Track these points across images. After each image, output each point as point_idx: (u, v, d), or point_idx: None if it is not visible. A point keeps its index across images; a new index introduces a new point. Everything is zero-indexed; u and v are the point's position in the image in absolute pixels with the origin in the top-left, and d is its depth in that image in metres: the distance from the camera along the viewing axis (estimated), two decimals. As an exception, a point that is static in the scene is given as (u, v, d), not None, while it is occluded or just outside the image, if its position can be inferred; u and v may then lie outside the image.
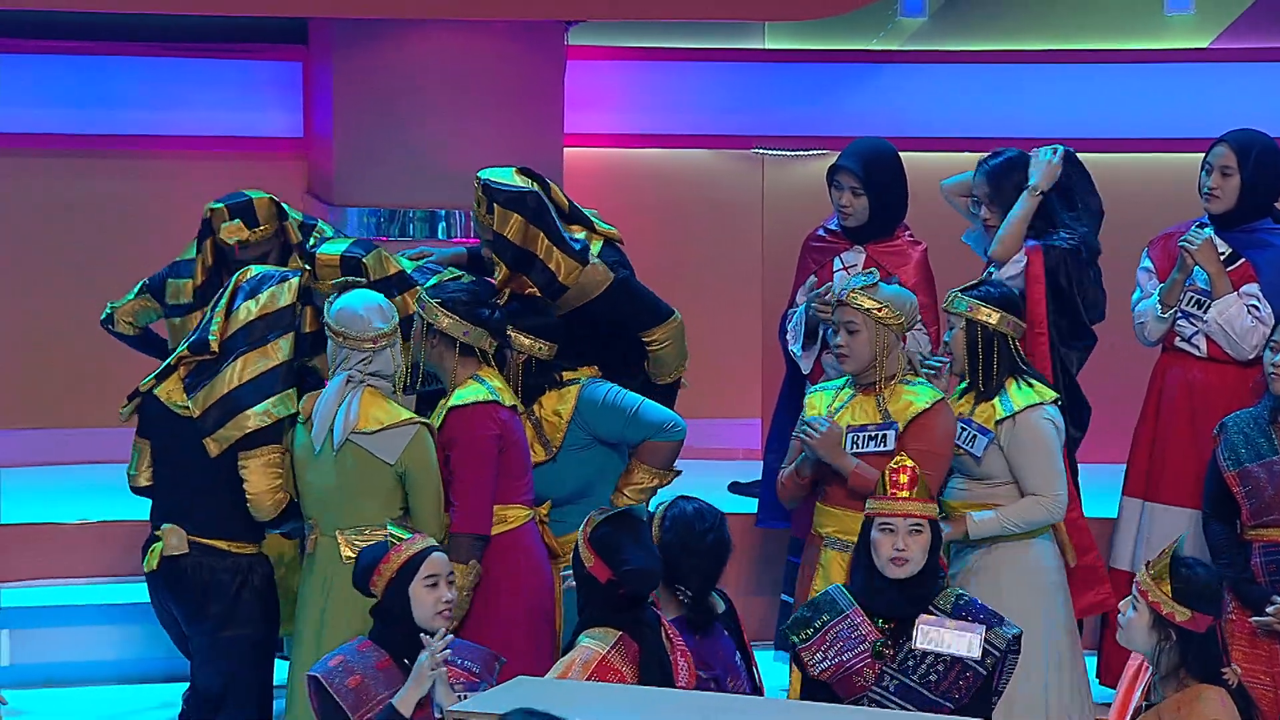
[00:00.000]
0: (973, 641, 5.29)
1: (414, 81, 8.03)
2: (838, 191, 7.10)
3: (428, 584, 5.37)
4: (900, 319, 6.11)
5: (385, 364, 6.01)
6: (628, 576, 5.26)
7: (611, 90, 8.73)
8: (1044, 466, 6.23)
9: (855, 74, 8.77)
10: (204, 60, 8.42)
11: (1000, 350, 6.28)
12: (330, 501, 5.99)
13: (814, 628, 5.36)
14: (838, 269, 7.09)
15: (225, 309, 6.10)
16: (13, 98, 8.32)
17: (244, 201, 6.79)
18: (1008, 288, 6.44)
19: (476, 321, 6.13)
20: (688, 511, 5.57)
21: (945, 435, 6.07)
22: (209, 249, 6.81)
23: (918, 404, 6.05)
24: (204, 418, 6.02)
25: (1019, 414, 6.21)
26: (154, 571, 6.10)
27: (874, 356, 6.08)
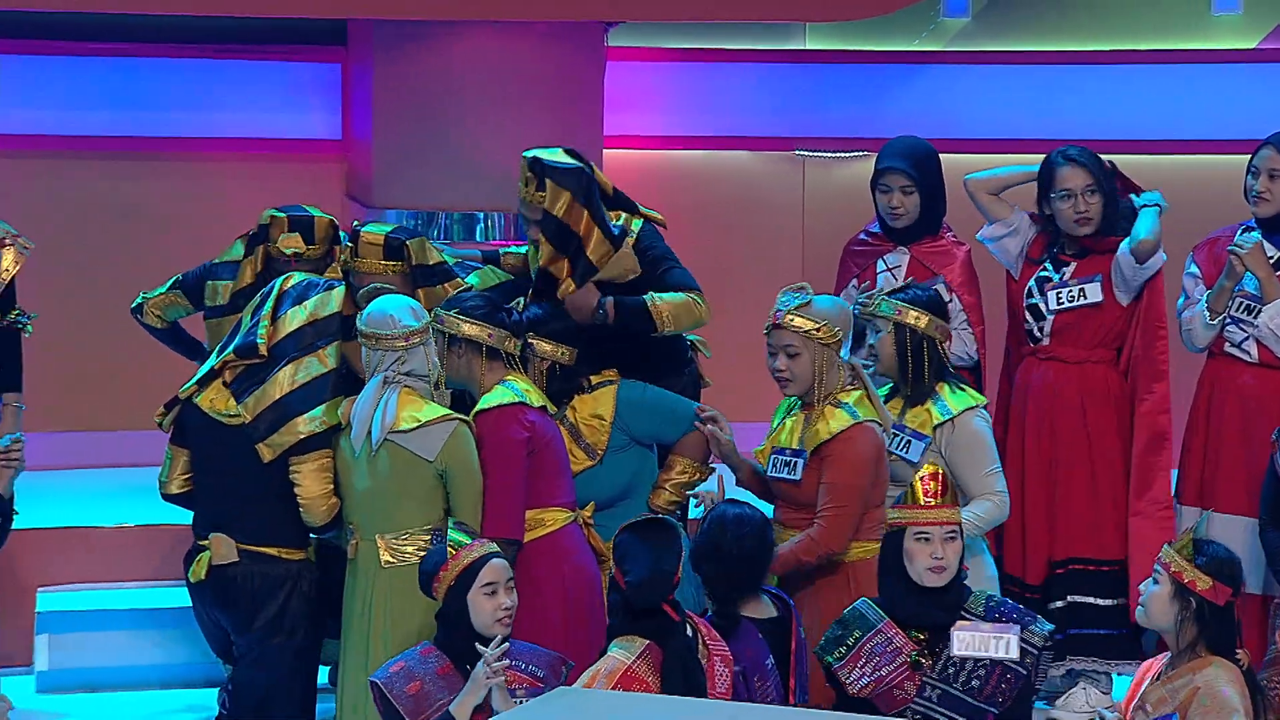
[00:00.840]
0: (1010, 642, 5.27)
1: (453, 83, 8.05)
2: (885, 194, 7.03)
3: (486, 591, 5.36)
4: (837, 334, 6.02)
5: (420, 363, 5.99)
6: (629, 587, 5.24)
7: (651, 91, 8.75)
8: (986, 466, 6.18)
9: (897, 75, 8.74)
10: (243, 62, 8.44)
11: (930, 353, 6.22)
12: (370, 505, 5.97)
13: (846, 645, 5.35)
14: (881, 270, 7.04)
15: (271, 314, 6.08)
16: (51, 100, 8.37)
17: (306, 218, 6.80)
18: (934, 290, 6.37)
19: (498, 324, 6.12)
20: (727, 516, 5.53)
21: (860, 462, 5.92)
22: (260, 255, 6.80)
23: (833, 427, 5.93)
24: (256, 423, 5.99)
25: (957, 418, 6.17)
26: (201, 581, 6.08)
27: (815, 376, 5.98)
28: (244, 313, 6.23)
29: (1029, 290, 7.02)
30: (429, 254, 6.46)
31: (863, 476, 5.89)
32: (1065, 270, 6.96)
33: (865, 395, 6.02)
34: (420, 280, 6.41)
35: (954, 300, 6.94)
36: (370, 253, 6.38)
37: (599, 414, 6.32)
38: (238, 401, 6.00)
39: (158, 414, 6.17)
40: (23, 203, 8.20)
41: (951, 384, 6.25)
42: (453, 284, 6.45)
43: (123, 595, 7.32)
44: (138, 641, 7.17)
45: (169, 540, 7.24)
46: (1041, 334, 7.01)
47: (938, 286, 6.87)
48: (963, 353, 6.95)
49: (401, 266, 6.38)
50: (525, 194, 6.37)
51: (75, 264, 8.42)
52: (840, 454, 5.90)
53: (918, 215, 7.01)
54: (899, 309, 6.23)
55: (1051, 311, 6.96)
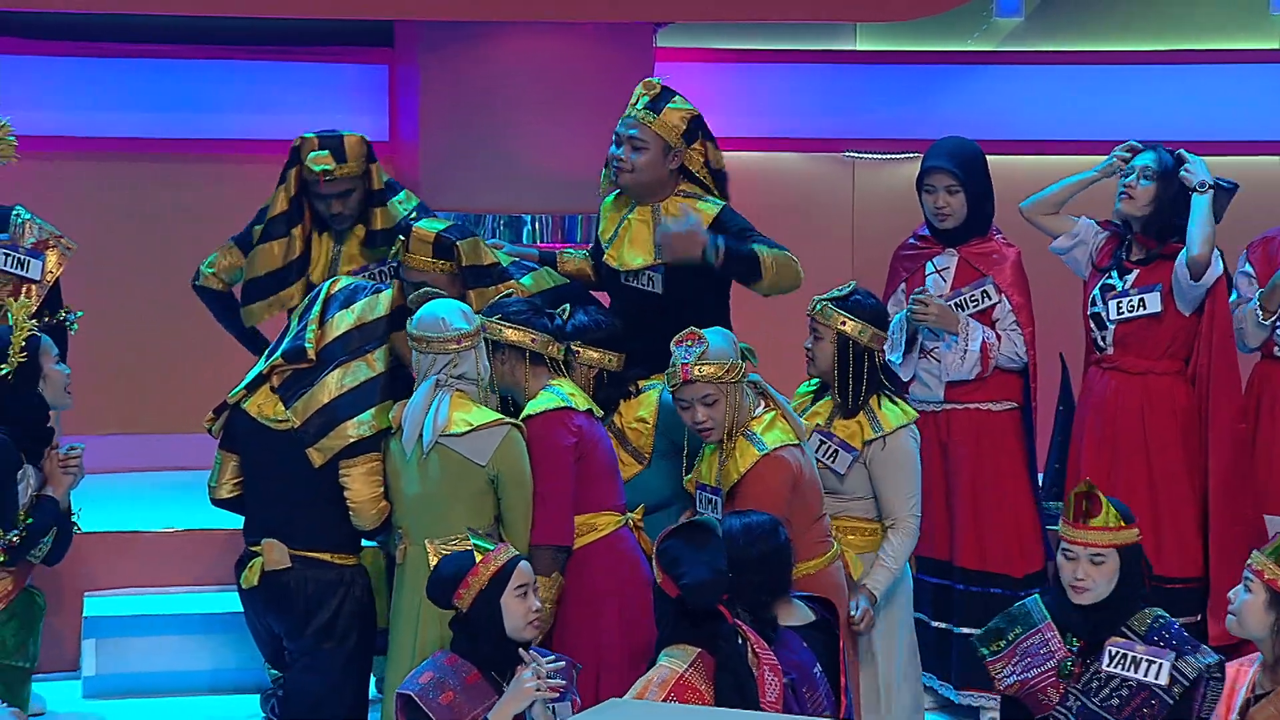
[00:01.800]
0: (1161, 668, 5.19)
1: (500, 84, 8.03)
2: (931, 195, 6.98)
3: (518, 594, 5.30)
4: (742, 368, 5.95)
5: (471, 367, 5.96)
6: (687, 591, 5.18)
7: (700, 92, 8.46)
8: (910, 489, 6.17)
9: (949, 75, 8.75)
10: (289, 64, 8.46)
11: (868, 366, 6.18)
12: (420, 509, 5.94)
13: (1006, 640, 5.31)
14: (930, 273, 7.00)
15: (319, 317, 6.05)
16: (98, 103, 8.39)
17: (336, 136, 6.72)
18: (877, 299, 6.33)
19: (540, 329, 6.09)
20: (735, 527, 5.48)
21: (770, 496, 5.82)
22: (293, 178, 6.72)
23: (741, 466, 5.88)
24: (305, 428, 5.97)
25: (889, 435, 6.14)
26: (253, 587, 6.04)
27: (730, 418, 5.90)
28: (291, 316, 6.21)
29: (1093, 299, 7.00)
30: (482, 254, 6.41)
31: (775, 510, 5.76)
32: (1128, 278, 6.92)
33: (778, 414, 5.97)
34: (472, 281, 6.37)
35: (1003, 301, 6.88)
36: (420, 249, 6.34)
37: (642, 417, 6.29)
38: (286, 406, 5.98)
39: (207, 420, 6.14)
40: (71, 205, 8.20)
41: (886, 396, 6.21)
42: (506, 285, 6.43)
43: (170, 600, 7.30)
44: (185, 646, 7.16)
45: (216, 544, 7.26)
46: (1105, 343, 6.97)
47: (986, 287, 6.87)
48: (1011, 354, 6.88)
49: (450, 266, 6.34)
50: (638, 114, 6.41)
51: (123, 266, 8.42)
52: (749, 493, 5.85)
53: (965, 216, 6.95)
54: (841, 319, 6.19)
55: (1112, 321, 6.92)
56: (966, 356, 6.84)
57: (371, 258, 6.80)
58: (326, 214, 6.73)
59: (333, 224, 6.76)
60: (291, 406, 5.97)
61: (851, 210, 8.81)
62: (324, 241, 6.81)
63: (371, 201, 6.78)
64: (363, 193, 6.76)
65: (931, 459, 6.86)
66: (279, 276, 6.77)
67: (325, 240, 6.81)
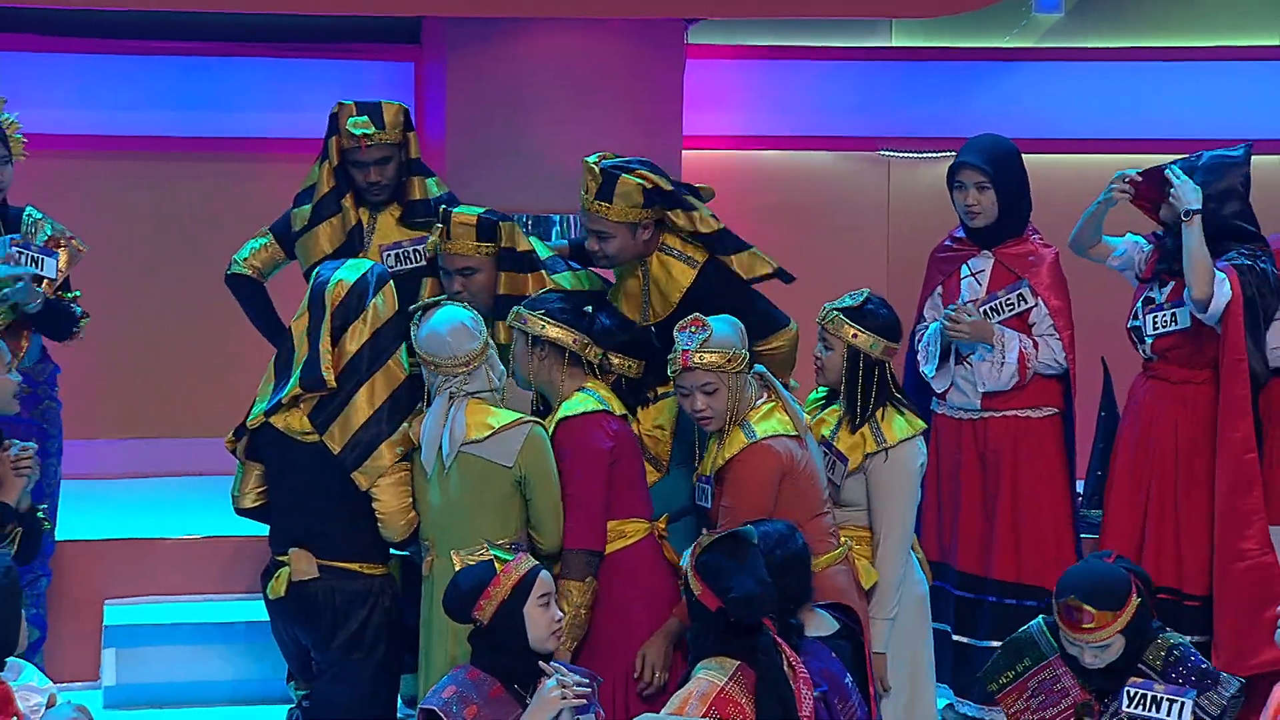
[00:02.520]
0: (1184, 707, 5.14)
1: (529, 82, 8.02)
2: (961, 191, 6.88)
3: (541, 603, 5.27)
4: (745, 357, 5.92)
5: (482, 381, 5.94)
6: (734, 604, 5.15)
7: (732, 90, 8.70)
8: (906, 505, 6.12)
9: (986, 73, 8.68)
10: (314, 61, 8.45)
11: (878, 379, 6.13)
12: (446, 520, 5.91)
13: (1014, 671, 5.27)
14: (965, 276, 6.94)
15: (330, 340, 6.01)
16: (117, 100, 8.36)
17: (374, 102, 6.71)
18: (891, 309, 6.24)
19: (581, 329, 6.06)
20: (752, 535, 5.39)
21: (755, 484, 5.81)
22: (333, 148, 6.69)
23: (727, 453, 5.86)
24: (345, 453, 5.95)
25: (892, 449, 6.09)
26: (280, 598, 6.03)
27: (731, 407, 5.88)
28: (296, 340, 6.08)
29: (1134, 311, 6.95)
30: (518, 239, 6.38)
31: (760, 498, 5.79)
32: (1164, 290, 6.88)
33: (777, 405, 5.93)
34: (506, 264, 6.33)
35: (1040, 305, 6.83)
36: (464, 234, 6.31)
37: (660, 424, 6.26)
38: (320, 432, 5.95)
39: (228, 441, 6.12)
40: (90, 205, 8.20)
41: (894, 408, 6.15)
42: (535, 276, 6.39)
43: (192, 608, 7.28)
44: (207, 656, 7.14)
45: (240, 551, 7.24)
46: (1147, 354, 6.94)
47: (1022, 290, 6.79)
48: (1050, 360, 6.82)
49: (494, 249, 6.31)
50: (585, 201, 6.31)
51: (143, 268, 8.43)
52: (734, 478, 5.83)
53: (997, 215, 6.86)
54: (852, 331, 6.14)
55: (1149, 335, 6.88)
56: (1004, 368, 6.78)
57: (406, 234, 6.75)
58: (363, 184, 6.68)
59: (369, 195, 6.71)
60: (327, 432, 5.95)
61: (886, 211, 8.77)
62: (361, 215, 6.77)
63: (408, 171, 6.75)
64: (399, 162, 6.72)
65: (969, 468, 6.85)
66: (345, 252, 6.66)
67: (362, 214, 6.76)
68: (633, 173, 6.28)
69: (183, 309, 8.32)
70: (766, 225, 8.35)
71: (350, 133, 6.63)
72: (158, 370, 8.38)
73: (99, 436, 8.24)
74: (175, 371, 8.39)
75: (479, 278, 6.31)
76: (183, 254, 8.39)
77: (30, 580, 6.59)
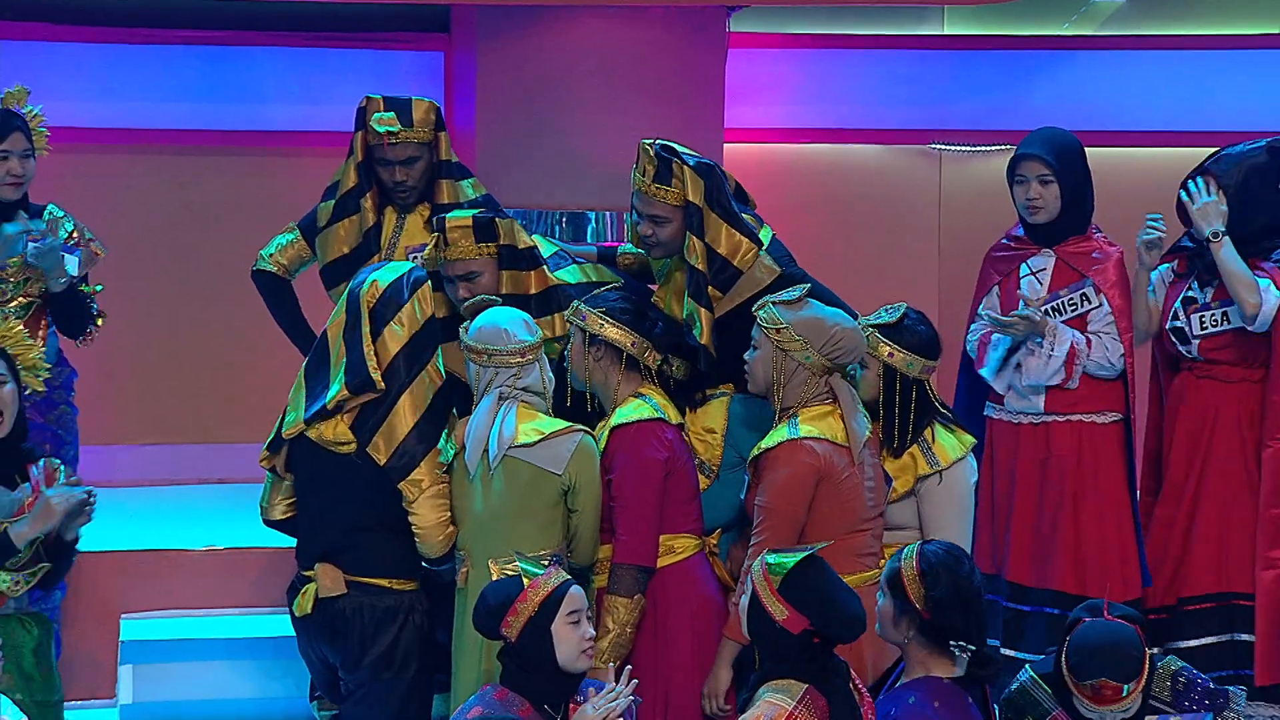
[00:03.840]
0: None
1: (563, 73, 8.02)
2: (1022, 185, 6.83)
3: (570, 620, 5.24)
4: (801, 345, 5.84)
5: (535, 379, 5.93)
6: (840, 626, 5.16)
7: (776, 81, 8.68)
8: (965, 527, 6.11)
9: (1044, 62, 8.67)
10: (341, 50, 8.45)
11: (919, 395, 6.08)
12: (486, 528, 5.89)
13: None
14: (1024, 275, 6.86)
15: (370, 339, 5.97)
16: (138, 92, 8.34)
17: (403, 98, 6.68)
18: (930, 325, 6.18)
19: (642, 332, 6.04)
20: (944, 556, 5.36)
21: (787, 485, 5.78)
22: (359, 144, 6.66)
23: (764, 444, 5.84)
24: (393, 463, 5.92)
25: (946, 470, 6.08)
26: (307, 615, 5.99)
27: (770, 380, 5.86)
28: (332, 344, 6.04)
29: (1174, 312, 6.87)
30: (518, 236, 6.36)
31: (792, 501, 5.77)
32: (1209, 290, 6.81)
33: (835, 412, 5.90)
34: (506, 263, 6.31)
35: (1102, 304, 6.76)
36: (461, 237, 6.27)
37: (710, 427, 6.24)
38: (365, 443, 5.92)
39: (263, 458, 6.09)
40: (110, 200, 8.21)
41: (941, 425, 6.11)
42: (538, 273, 6.37)
43: (214, 624, 7.27)
44: (229, 674, 7.11)
45: (264, 564, 7.22)
46: (1192, 355, 6.85)
47: (1085, 290, 6.74)
48: (1103, 359, 6.75)
49: (494, 249, 6.29)
50: (642, 184, 6.27)
51: (161, 266, 8.44)
52: (768, 474, 5.82)
53: (1059, 211, 6.80)
54: (888, 349, 6.09)
55: (1196, 336, 6.81)
56: (1051, 360, 6.69)
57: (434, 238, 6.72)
58: (390, 183, 6.66)
59: (395, 196, 6.68)
60: (372, 443, 5.93)
61: (938, 207, 8.73)
62: (387, 216, 6.75)
63: (438, 174, 6.72)
64: (428, 162, 6.70)
65: (1027, 474, 6.79)
66: (361, 253, 6.66)
67: (389, 215, 6.74)
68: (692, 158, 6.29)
69: (205, 308, 8.32)
70: (811, 223, 8.39)
71: (375, 129, 6.62)
72: (178, 372, 8.35)
73: (116, 442, 8.23)
74: (197, 373, 8.37)
75: (483, 280, 6.28)
76: (204, 252, 8.38)
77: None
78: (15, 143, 6.71)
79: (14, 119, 6.74)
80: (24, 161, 6.71)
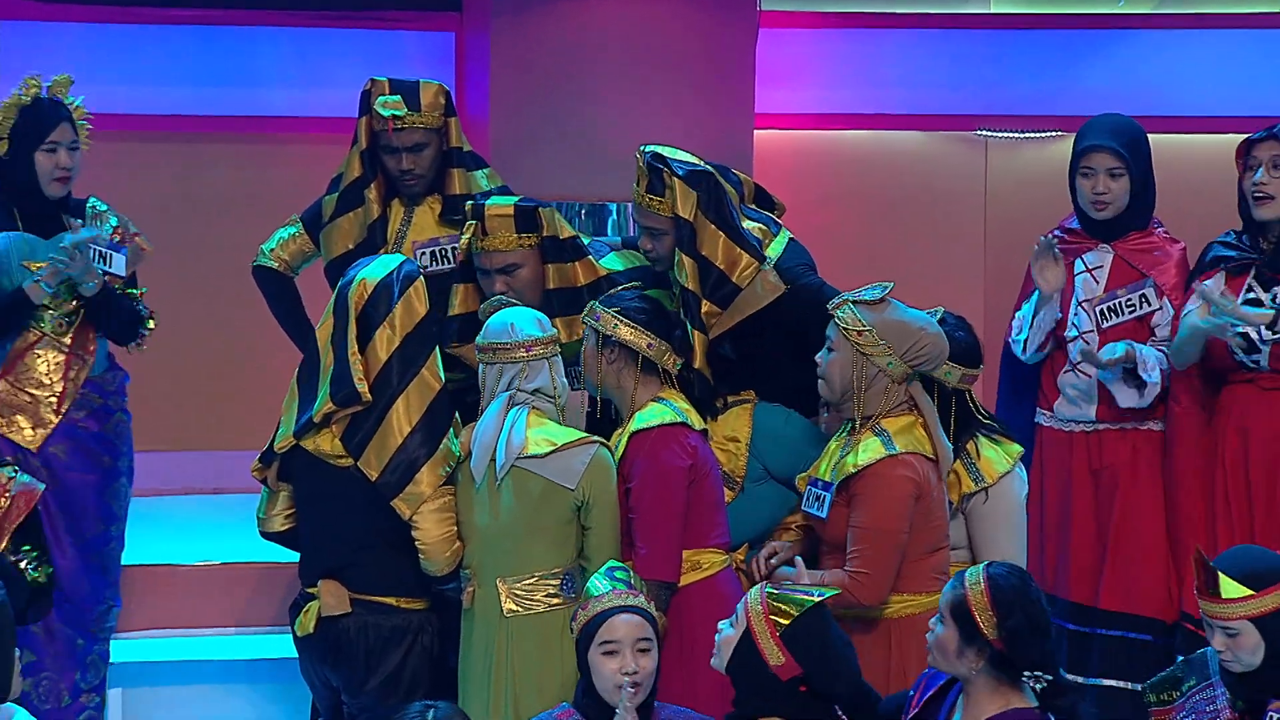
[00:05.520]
0: None
1: (583, 54, 7.99)
2: (1088, 178, 6.74)
3: (603, 651, 5.29)
4: (886, 352, 5.76)
5: (545, 380, 5.90)
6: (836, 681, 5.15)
7: (810, 63, 8.61)
8: (1017, 545, 6.07)
9: (1097, 42, 8.63)
10: (345, 31, 8.38)
11: (959, 406, 6.05)
12: (493, 544, 5.85)
13: (1181, 691, 5.25)
14: (1080, 272, 6.78)
15: (357, 347, 5.95)
16: (131, 74, 8.29)
17: (410, 80, 6.66)
18: (969, 330, 6.13)
19: (661, 334, 6.00)
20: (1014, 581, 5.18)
21: (892, 503, 5.72)
22: (363, 131, 6.63)
23: (860, 460, 5.77)
24: (385, 478, 5.91)
25: (993, 487, 6.04)
26: (309, 635, 5.97)
27: (847, 386, 5.80)
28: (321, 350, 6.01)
29: None
30: (560, 226, 6.36)
31: (896, 519, 5.71)
32: (1276, 290, 6.69)
33: (918, 423, 5.85)
34: (550, 254, 6.30)
35: (1165, 307, 6.69)
36: (501, 226, 6.27)
37: (734, 436, 6.21)
38: (356, 456, 5.91)
39: (255, 469, 6.07)
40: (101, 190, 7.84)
41: (985, 436, 6.07)
42: (585, 263, 6.36)
43: (207, 644, 7.23)
44: (226, 698, 7.08)
45: (263, 580, 7.19)
46: (1259, 364, 6.70)
47: (1145, 291, 6.68)
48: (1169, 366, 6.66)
49: (536, 239, 6.30)
50: (637, 194, 6.26)
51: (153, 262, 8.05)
52: (868, 493, 5.74)
53: (1125, 205, 6.74)
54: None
55: (1266, 341, 6.66)
56: (1146, 391, 6.64)
57: (445, 231, 6.70)
58: (395, 172, 6.63)
59: (402, 186, 6.64)
60: (363, 457, 5.90)
61: (984, 197, 8.68)
62: (394, 209, 6.72)
63: (449, 162, 6.69)
64: (437, 150, 6.66)
65: (1081, 486, 6.74)
66: (366, 249, 6.60)
67: (395, 208, 6.71)
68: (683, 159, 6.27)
69: (201, 307, 8.24)
70: (847, 215, 8.36)
71: (380, 113, 6.57)
72: (169, 372, 8.24)
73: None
74: (190, 374, 8.29)
75: (523, 273, 6.27)
76: (200, 245, 8.31)
77: (101, 612, 6.65)
78: (62, 134, 6.65)
79: (60, 109, 6.68)
80: (71, 154, 6.66)
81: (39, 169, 6.62)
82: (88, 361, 6.65)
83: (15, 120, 6.61)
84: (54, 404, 6.58)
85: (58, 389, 6.59)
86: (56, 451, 6.58)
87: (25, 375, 6.58)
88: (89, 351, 6.67)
